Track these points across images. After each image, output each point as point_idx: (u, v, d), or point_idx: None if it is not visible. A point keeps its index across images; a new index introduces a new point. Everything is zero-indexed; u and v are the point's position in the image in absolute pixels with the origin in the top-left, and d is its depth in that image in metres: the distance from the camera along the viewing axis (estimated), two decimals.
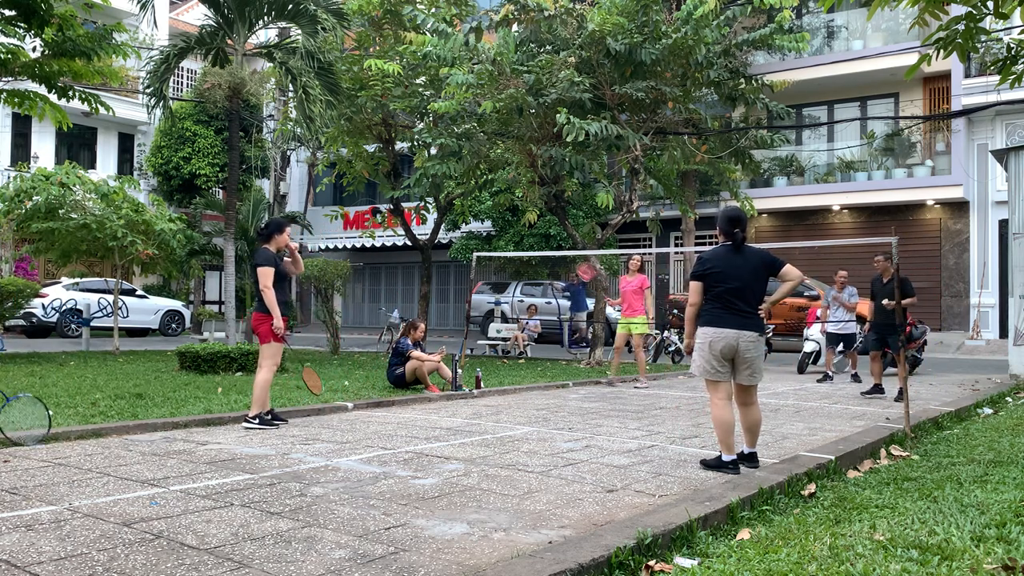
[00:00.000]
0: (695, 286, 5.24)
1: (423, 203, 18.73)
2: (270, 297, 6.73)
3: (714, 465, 5.18)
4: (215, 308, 27.06)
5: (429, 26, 14.17)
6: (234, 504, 4.17)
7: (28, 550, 3.36)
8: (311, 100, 13.27)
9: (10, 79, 13.99)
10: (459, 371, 9.70)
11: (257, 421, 6.73)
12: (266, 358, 6.81)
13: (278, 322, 6.77)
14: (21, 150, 26.01)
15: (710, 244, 21.34)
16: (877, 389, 10.03)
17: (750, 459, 5.22)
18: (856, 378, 12.04)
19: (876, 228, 20.58)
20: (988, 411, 8.59)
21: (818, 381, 11.78)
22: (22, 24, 12.64)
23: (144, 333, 22.83)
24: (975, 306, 19.68)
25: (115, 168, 28.14)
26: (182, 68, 29.44)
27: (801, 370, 13.18)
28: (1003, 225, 18.38)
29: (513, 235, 23.73)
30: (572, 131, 12.12)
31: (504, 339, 17.42)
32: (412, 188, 15.96)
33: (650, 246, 23.71)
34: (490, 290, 23.26)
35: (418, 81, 16.23)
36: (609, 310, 18.00)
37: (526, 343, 17.08)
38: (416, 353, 9.58)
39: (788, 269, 5.24)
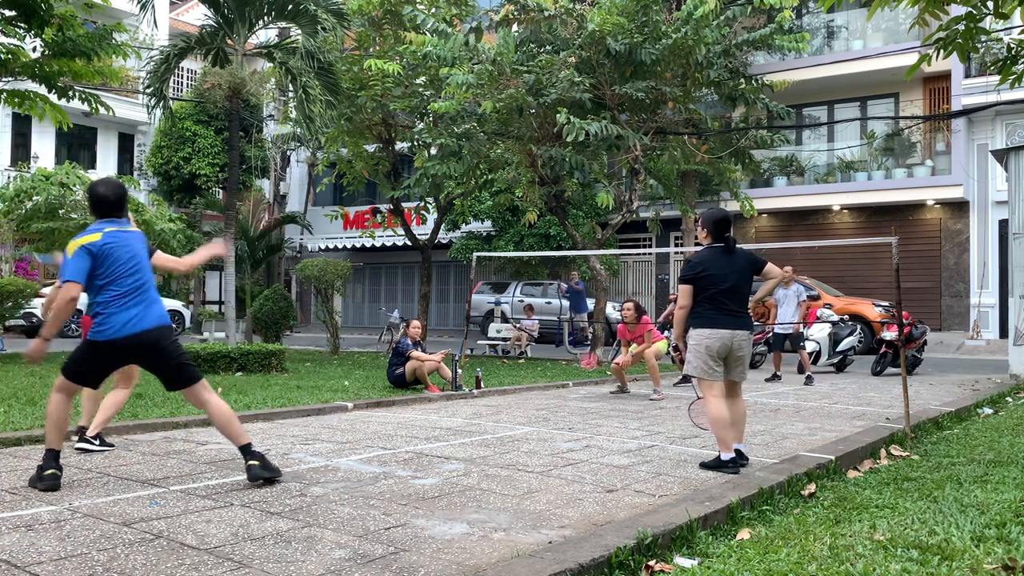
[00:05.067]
0: (685, 289, 5.35)
1: (423, 203, 18.72)
2: None
3: (713, 466, 5.20)
4: (215, 308, 27.06)
5: (429, 26, 14.16)
6: (234, 504, 4.17)
7: (28, 550, 3.36)
8: (311, 100, 13.25)
9: (10, 79, 13.99)
10: (459, 371, 9.71)
11: None
12: None
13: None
14: (21, 150, 26.01)
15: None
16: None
17: (738, 455, 5.27)
18: (782, 377, 11.96)
19: (876, 228, 20.57)
20: (988, 411, 8.59)
21: (805, 383, 11.52)
22: (22, 24, 12.65)
23: None
24: (975, 306, 19.67)
25: (115, 168, 28.15)
26: (182, 68, 29.43)
27: (801, 370, 13.15)
28: (1003, 225, 18.37)
29: (513, 235, 23.72)
30: (572, 131, 12.11)
31: (504, 339, 17.42)
32: (412, 188, 15.95)
33: (650, 246, 23.70)
34: (490, 290, 23.24)
35: (418, 81, 16.22)
36: (609, 309, 17.99)
37: (527, 343, 17.07)
38: (416, 353, 9.58)
39: (770, 268, 5.46)
